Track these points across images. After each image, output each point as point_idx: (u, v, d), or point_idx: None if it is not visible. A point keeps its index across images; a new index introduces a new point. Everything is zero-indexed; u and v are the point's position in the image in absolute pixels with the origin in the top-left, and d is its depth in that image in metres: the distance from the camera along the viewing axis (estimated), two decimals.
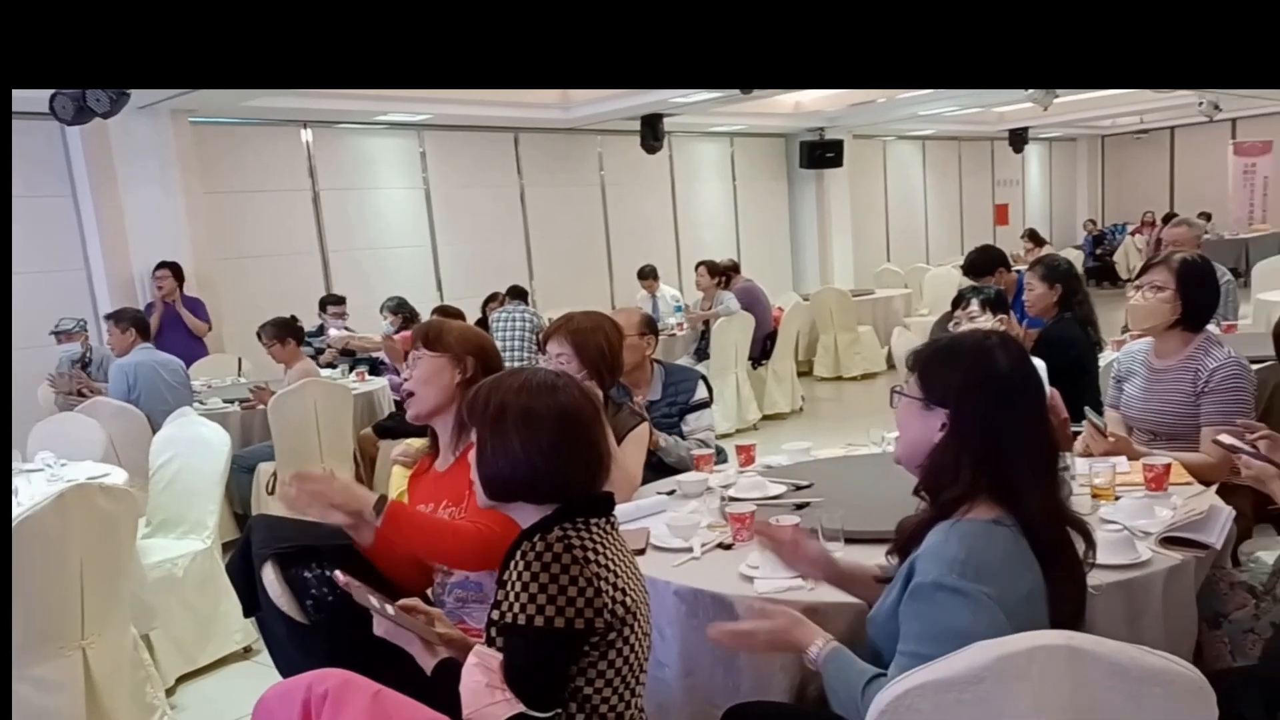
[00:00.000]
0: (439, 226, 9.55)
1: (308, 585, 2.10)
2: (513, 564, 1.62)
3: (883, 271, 12.54)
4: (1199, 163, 17.46)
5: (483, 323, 7.84)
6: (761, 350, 8.25)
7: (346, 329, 7.29)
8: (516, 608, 1.57)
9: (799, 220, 13.13)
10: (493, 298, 8.12)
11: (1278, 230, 15.58)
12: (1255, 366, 3.18)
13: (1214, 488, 2.50)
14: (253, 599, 2.14)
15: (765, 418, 8.12)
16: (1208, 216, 15.82)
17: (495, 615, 1.62)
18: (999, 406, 1.65)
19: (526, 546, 1.61)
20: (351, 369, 6.87)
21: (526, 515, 1.70)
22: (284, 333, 5.67)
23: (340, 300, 7.48)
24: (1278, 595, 2.25)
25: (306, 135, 8.59)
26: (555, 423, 1.68)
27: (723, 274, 8.41)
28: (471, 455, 1.75)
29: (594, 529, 1.67)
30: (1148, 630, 1.97)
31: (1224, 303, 5.09)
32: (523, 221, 10.23)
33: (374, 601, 1.74)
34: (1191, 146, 17.69)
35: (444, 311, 6.38)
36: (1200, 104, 12.34)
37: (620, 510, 2.56)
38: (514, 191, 10.16)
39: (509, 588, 1.60)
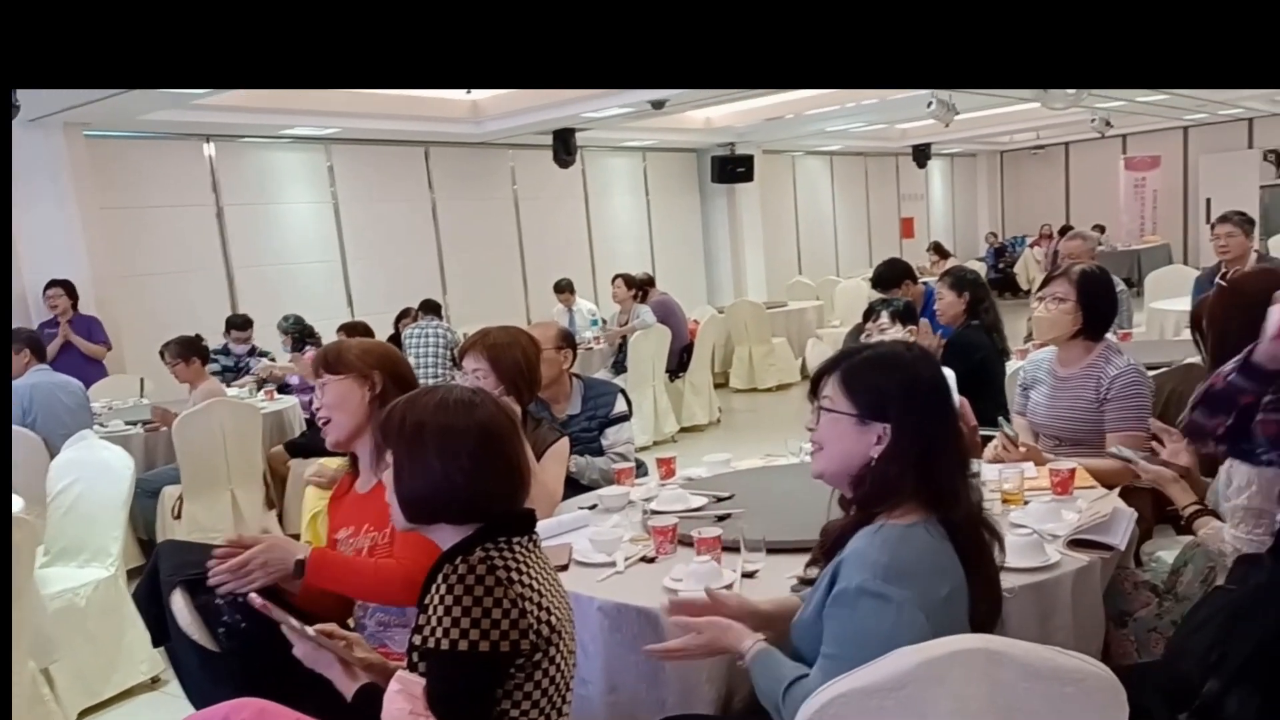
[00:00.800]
0: (349, 242, 9.39)
1: (219, 612, 2.04)
2: (434, 587, 1.58)
3: (795, 284, 12.74)
4: (1092, 177, 18.20)
5: (395, 339, 7.73)
6: (678, 363, 8.30)
7: (268, 358, 7.11)
8: (439, 632, 1.53)
9: (712, 234, 13.27)
10: (405, 313, 8.01)
11: (1168, 242, 16.32)
12: (1151, 373, 3.32)
13: (1116, 491, 2.59)
14: (162, 628, 2.07)
15: (683, 430, 8.16)
16: (1102, 229, 16.50)
17: (417, 640, 1.58)
18: (933, 414, 1.69)
19: (448, 569, 1.58)
20: (259, 387, 6.70)
21: (446, 536, 1.66)
22: (188, 352, 5.50)
23: (245, 324, 7.27)
24: (1179, 594, 2.34)
25: (209, 149, 8.36)
26: (474, 440, 1.65)
27: (639, 287, 8.44)
28: (388, 476, 1.71)
29: (516, 548, 1.64)
30: (1059, 630, 2.03)
31: (1121, 311, 5.30)
32: (435, 236, 10.12)
33: (293, 623, 1.69)
34: (1085, 162, 18.43)
35: (350, 328, 6.28)
36: (1093, 121, 12.84)
37: (542, 526, 2.53)
38: (425, 206, 10.05)
39: (431, 612, 1.56)
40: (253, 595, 1.75)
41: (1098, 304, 3.00)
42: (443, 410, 1.67)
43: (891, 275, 5.38)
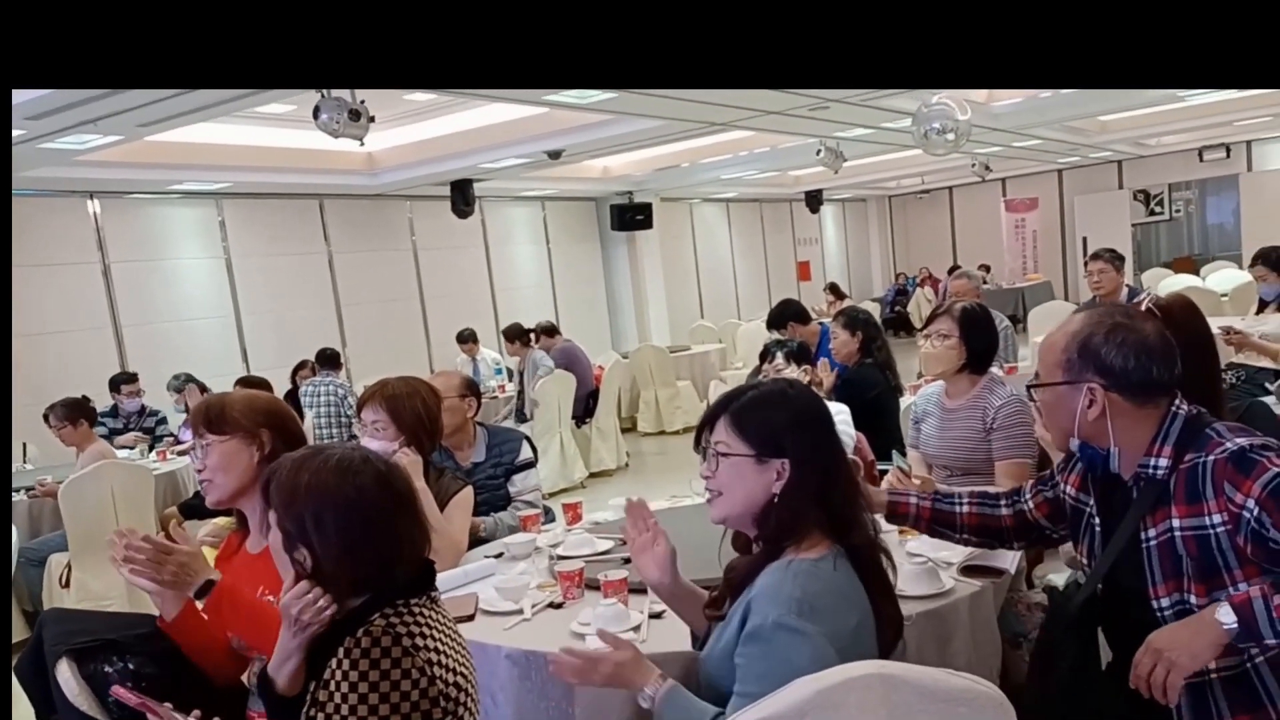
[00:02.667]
0: (242, 296, 9.18)
1: (109, 681, 1.95)
2: (336, 662, 1.51)
3: (697, 328, 12.92)
4: (976, 219, 18.97)
5: (294, 393, 7.56)
6: (584, 408, 8.33)
7: (158, 418, 6.88)
8: (345, 710, 1.46)
9: (614, 280, 13.38)
10: (302, 364, 7.85)
11: (1049, 279, 17.07)
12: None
13: None
14: (47, 701, 1.97)
15: (592, 475, 8.16)
16: (987, 268, 17.20)
17: (321, 718, 1.50)
18: (826, 442, 1.73)
19: (350, 643, 1.51)
20: (151, 447, 6.47)
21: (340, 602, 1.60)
22: (75, 413, 5.30)
23: (132, 379, 7.03)
24: None
25: (94, 206, 8.11)
26: (369, 505, 1.58)
27: (523, 336, 8.43)
28: (274, 539, 1.63)
29: (416, 610, 1.59)
30: (959, 654, 2.09)
31: (1004, 347, 5.53)
32: (332, 288, 9.97)
33: (175, 717, 1.63)
34: (969, 204, 19.21)
35: (246, 384, 6.12)
36: (973, 165, 13.43)
37: (447, 577, 2.52)
38: (321, 259, 9.90)
39: (333, 689, 1.49)
40: (118, 688, 1.67)
41: (979, 339, 3.15)
42: (335, 473, 1.59)
43: (779, 315, 5.69)
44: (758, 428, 1.72)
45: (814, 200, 16.38)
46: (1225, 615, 1.58)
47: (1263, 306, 5.15)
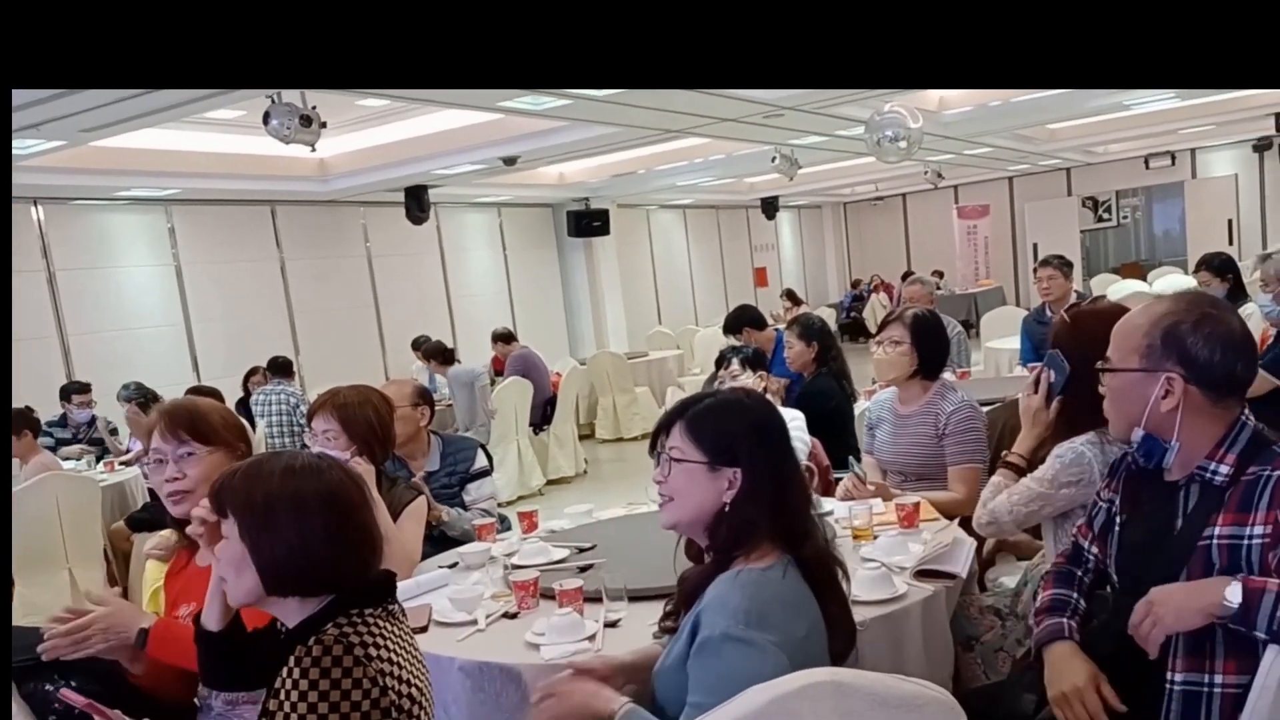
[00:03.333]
0: (193, 304, 9.03)
1: (50, 700, 1.90)
2: (286, 671, 1.48)
3: (655, 334, 12.94)
4: (929, 225, 19.22)
5: (245, 400, 7.46)
6: (542, 415, 8.29)
7: (110, 428, 6.73)
8: (295, 719, 1.44)
9: (571, 287, 13.36)
10: (254, 371, 7.74)
11: (1000, 284, 17.33)
12: (987, 408, 3.52)
13: (957, 521, 2.72)
14: None
15: (550, 482, 8.13)
16: (941, 274, 17.42)
17: None
18: (779, 453, 1.74)
19: (301, 651, 1.48)
20: (99, 459, 6.34)
21: (292, 612, 1.58)
22: (18, 424, 5.17)
23: (84, 388, 6.89)
24: (1019, 613, 2.47)
25: (37, 213, 7.93)
26: (328, 506, 1.58)
27: (441, 354, 8.38)
28: (226, 549, 1.60)
29: (370, 620, 1.57)
30: (911, 659, 2.11)
31: (957, 352, 5.59)
32: (285, 296, 9.85)
33: None
34: (922, 211, 19.46)
35: (197, 393, 6.02)
36: (925, 173, 13.59)
37: (400, 588, 2.48)
38: (274, 266, 9.78)
39: (284, 698, 1.46)
40: (66, 691, 1.64)
41: (930, 345, 3.18)
42: (291, 476, 1.59)
43: (735, 320, 5.74)
44: (713, 435, 1.72)
45: (770, 207, 16.49)
46: (1232, 593, 1.53)
47: None
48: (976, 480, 3.07)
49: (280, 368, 7.30)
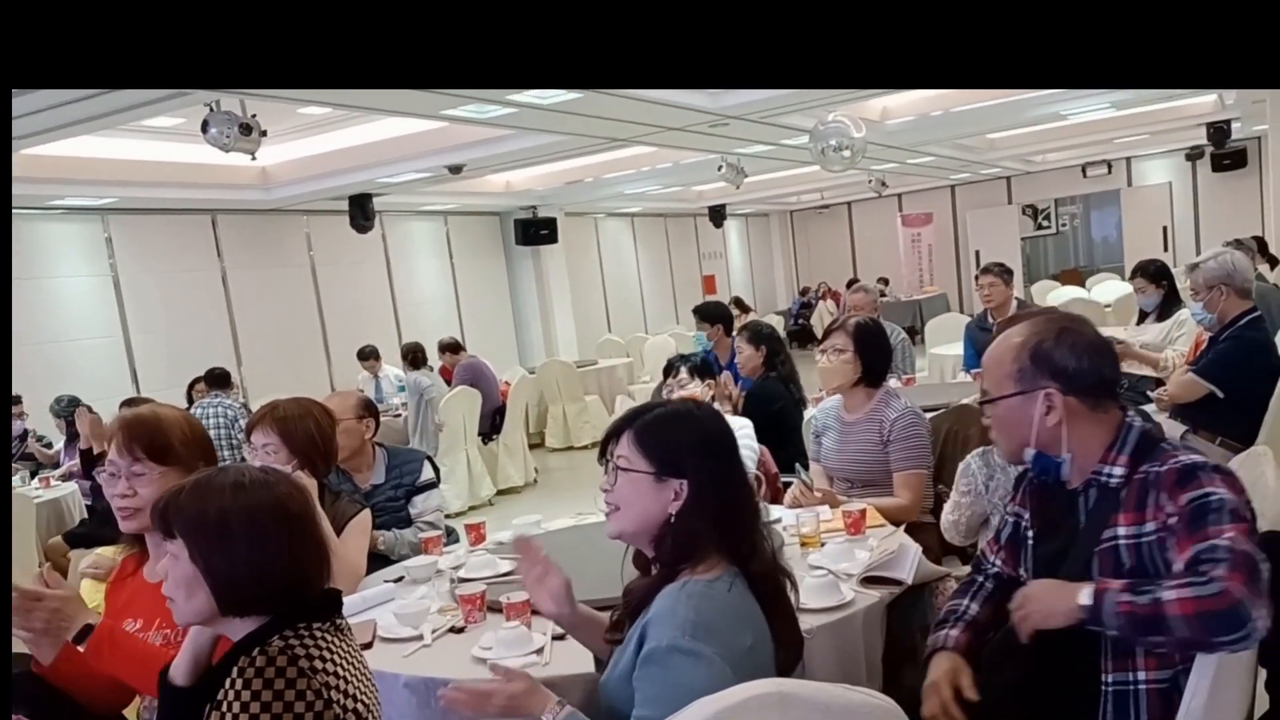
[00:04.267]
0: (131, 315, 8.83)
1: None
2: (229, 682, 1.46)
3: (604, 342, 12.93)
4: (874, 233, 19.45)
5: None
6: (491, 425, 8.23)
7: (43, 444, 6.54)
8: None
9: (520, 295, 13.31)
10: (198, 381, 7.58)
11: (944, 291, 17.60)
12: (931, 415, 3.56)
13: (903, 527, 2.74)
14: None
15: (500, 492, 8.07)
16: (886, 281, 17.65)
17: None
18: (727, 467, 1.73)
19: (244, 662, 1.47)
20: (33, 475, 6.16)
21: (237, 628, 1.55)
22: None
23: (14, 401, 6.70)
24: None
25: None
26: (283, 520, 1.55)
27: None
28: (173, 568, 1.55)
29: (318, 633, 1.55)
30: (856, 665, 2.12)
31: (902, 359, 5.66)
32: (226, 306, 9.67)
33: None
34: (867, 219, 19.69)
35: (132, 405, 5.86)
36: (869, 182, 13.77)
37: (344, 604, 2.44)
38: (215, 275, 9.60)
39: (225, 710, 1.44)
40: None
41: (873, 353, 3.22)
42: (242, 492, 1.56)
43: (715, 312, 5.89)
44: (660, 446, 1.71)
45: (717, 215, 16.59)
46: (1085, 596, 1.61)
47: (1143, 317, 5.37)
48: (920, 485, 3.11)
49: (218, 379, 7.13)
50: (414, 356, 8.05)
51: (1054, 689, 1.76)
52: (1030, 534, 1.91)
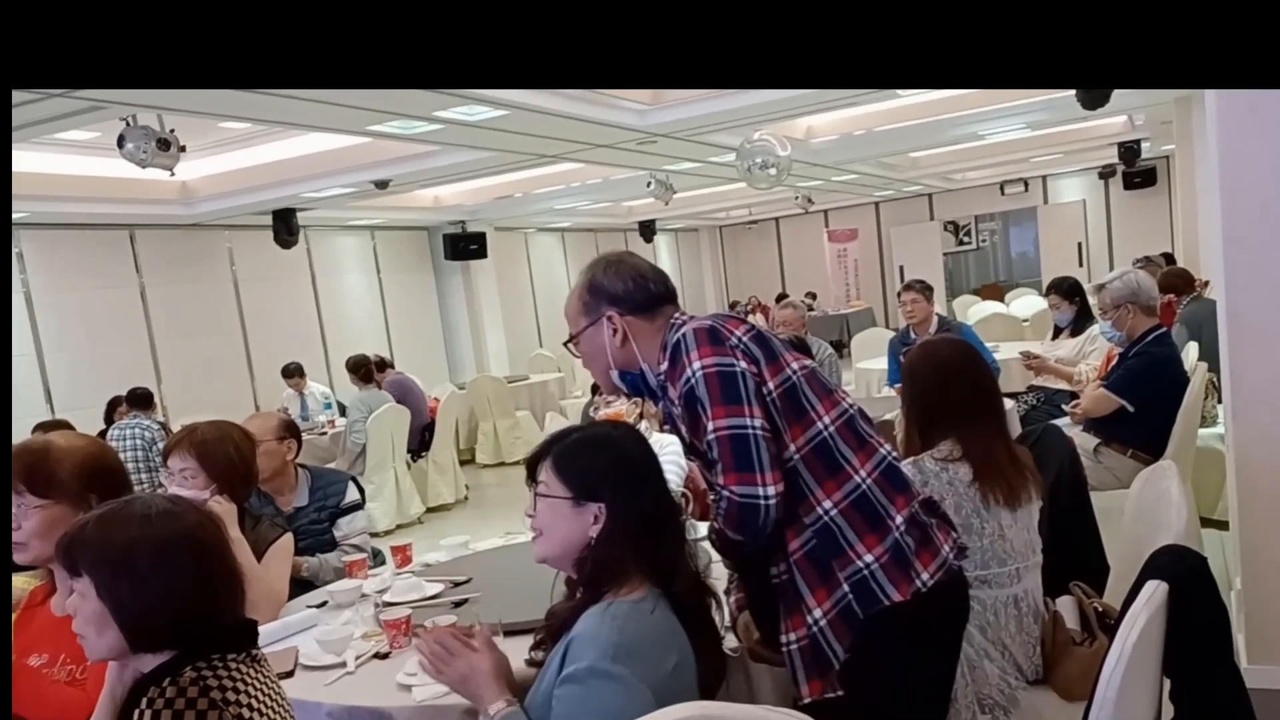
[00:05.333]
0: (44, 333, 8.55)
1: None
2: (137, 714, 1.42)
3: (536, 357, 12.88)
4: (802, 248, 19.73)
5: (103, 435, 7.08)
6: (420, 442, 8.13)
7: None
8: None
9: (449, 310, 13.19)
10: (117, 401, 7.36)
11: (870, 306, 17.91)
12: None
13: None
14: None
15: (430, 510, 7.98)
16: (814, 295, 17.90)
17: None
18: (646, 488, 1.74)
19: (154, 693, 1.43)
20: None
21: (149, 662, 1.50)
22: None
23: None
24: None
25: None
26: (192, 551, 1.51)
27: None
28: (79, 604, 1.50)
29: (231, 664, 1.51)
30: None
31: (829, 373, 5.73)
32: (145, 323, 9.42)
33: None
34: (794, 235, 19.97)
35: (50, 428, 5.68)
36: (796, 198, 13.97)
37: (265, 630, 2.39)
38: (133, 292, 9.35)
39: None
40: None
41: None
42: (149, 523, 1.51)
43: None
44: (577, 471, 1.72)
45: (648, 230, 16.66)
46: None
47: (1058, 333, 5.54)
48: None
49: (139, 400, 6.95)
50: (365, 370, 7.89)
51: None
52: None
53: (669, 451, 3.47)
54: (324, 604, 2.69)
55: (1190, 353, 4.85)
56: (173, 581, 1.49)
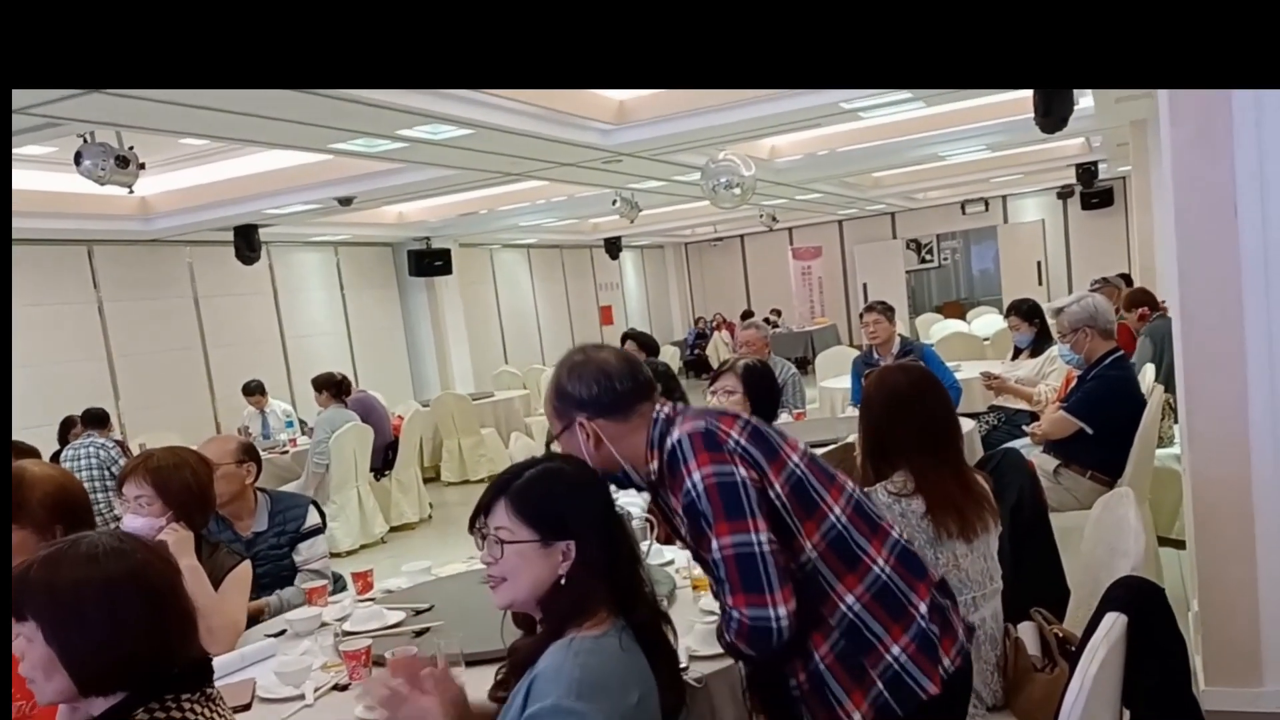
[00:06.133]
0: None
1: None
2: None
3: (501, 373, 12.82)
4: (766, 265, 19.86)
5: (58, 456, 6.94)
6: (383, 460, 8.05)
7: None
8: None
9: (414, 327, 13.11)
10: (70, 421, 7.22)
11: (834, 323, 18.05)
12: (822, 449, 3.63)
13: None
14: None
15: (393, 529, 7.88)
16: (779, 313, 18.00)
17: None
18: (607, 516, 1.72)
19: None
20: None
21: (100, 705, 1.46)
22: None
23: None
24: None
25: None
26: (141, 591, 1.47)
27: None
28: (25, 647, 1.46)
29: (185, 703, 1.48)
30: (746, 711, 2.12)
31: (792, 394, 5.75)
32: (104, 341, 9.27)
33: None
34: (759, 252, 20.09)
35: (16, 452, 5.55)
36: (761, 216, 14.06)
37: (222, 661, 2.35)
38: (91, 308, 9.20)
39: None
40: None
41: (762, 393, 3.28)
42: (95, 564, 1.46)
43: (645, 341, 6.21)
44: (540, 510, 1.69)
45: (613, 247, 16.69)
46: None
47: (1017, 353, 5.60)
48: None
49: (94, 419, 6.81)
50: (339, 388, 7.77)
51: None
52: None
53: None
54: (282, 633, 2.65)
55: (1147, 375, 4.92)
56: (121, 624, 1.44)
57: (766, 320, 15.88)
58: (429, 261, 12.22)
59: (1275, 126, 2.72)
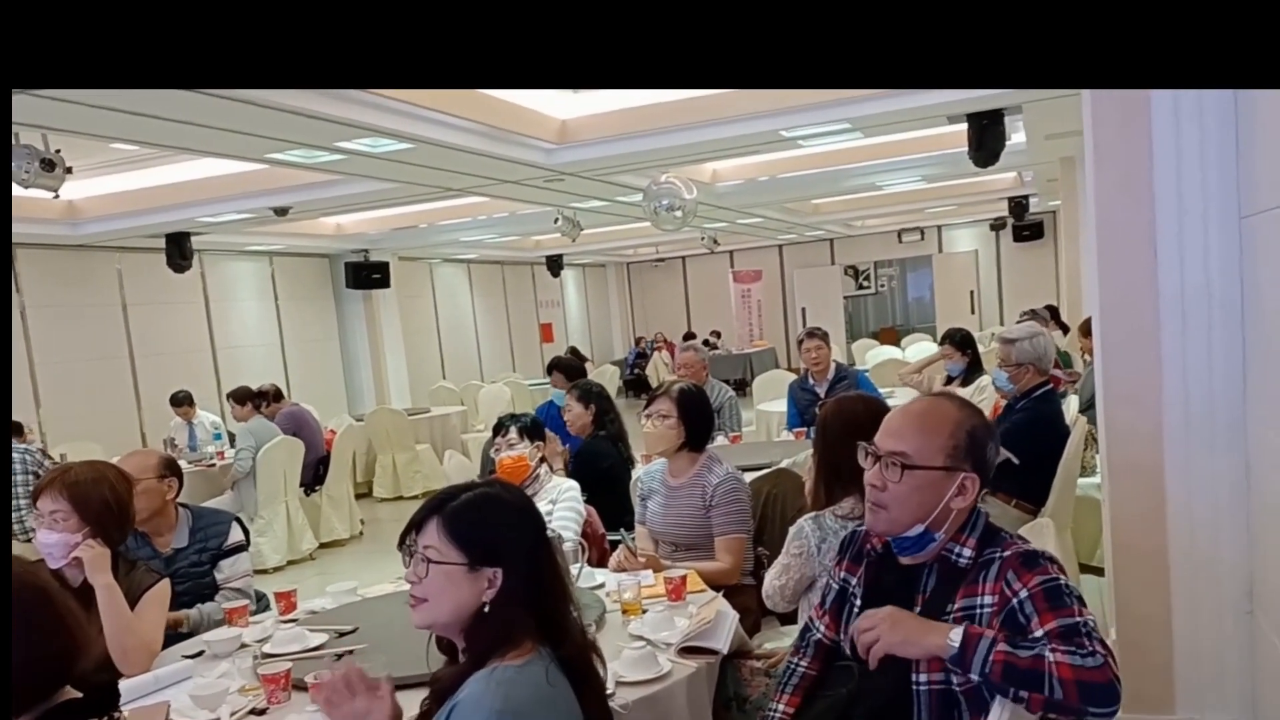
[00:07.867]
0: None
1: None
2: None
3: (438, 389, 12.69)
4: (707, 287, 20.01)
5: None
6: (314, 475, 7.91)
7: None
8: None
9: (349, 340, 12.93)
10: None
11: (773, 346, 18.22)
12: (755, 475, 3.66)
13: (721, 593, 2.78)
14: None
15: (323, 545, 7.74)
16: (718, 334, 18.13)
17: None
18: (539, 548, 1.71)
19: None
20: None
21: None
22: None
23: None
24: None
25: None
26: (24, 618, 1.39)
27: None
28: None
29: None
30: None
31: (730, 417, 5.80)
32: (25, 347, 8.98)
33: None
34: (700, 273, 20.23)
35: None
36: (702, 238, 14.16)
37: (135, 684, 2.29)
38: (13, 313, 8.91)
39: None
40: None
41: (696, 418, 3.29)
42: None
43: (568, 369, 6.26)
44: (472, 534, 1.67)
45: (555, 264, 16.67)
46: (955, 636, 1.66)
47: (949, 382, 5.71)
48: (741, 549, 3.19)
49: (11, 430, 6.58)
50: (261, 397, 7.61)
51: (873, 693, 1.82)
52: (858, 600, 1.94)
53: (567, 497, 3.47)
54: (200, 654, 2.58)
55: (1070, 406, 5.04)
56: (6, 653, 1.37)
57: (706, 342, 16.05)
58: (367, 274, 12.07)
59: (1194, 174, 2.82)
